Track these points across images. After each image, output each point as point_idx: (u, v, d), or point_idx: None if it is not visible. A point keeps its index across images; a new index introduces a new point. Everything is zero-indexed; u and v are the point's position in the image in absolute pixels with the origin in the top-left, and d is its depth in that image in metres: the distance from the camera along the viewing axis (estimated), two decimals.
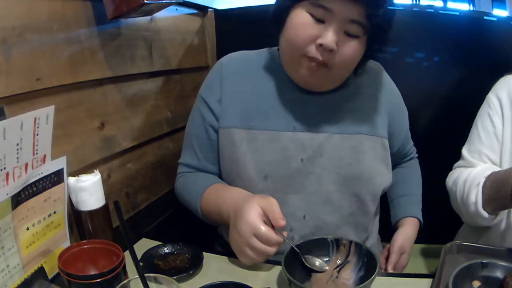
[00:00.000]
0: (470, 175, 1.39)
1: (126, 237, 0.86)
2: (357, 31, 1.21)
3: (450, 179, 1.50)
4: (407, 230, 1.52)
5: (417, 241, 1.97)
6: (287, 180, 1.34)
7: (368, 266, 1.14)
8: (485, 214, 1.31)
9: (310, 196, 1.35)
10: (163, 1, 1.38)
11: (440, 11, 1.97)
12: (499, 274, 1.11)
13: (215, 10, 2.07)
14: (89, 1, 1.29)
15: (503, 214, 1.36)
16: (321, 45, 1.19)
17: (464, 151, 1.51)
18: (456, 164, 1.54)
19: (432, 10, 1.94)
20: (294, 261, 1.16)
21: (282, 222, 1.14)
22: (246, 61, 1.44)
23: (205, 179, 1.44)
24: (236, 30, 2.03)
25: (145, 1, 1.25)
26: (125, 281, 0.85)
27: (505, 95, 1.43)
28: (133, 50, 1.51)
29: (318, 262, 1.20)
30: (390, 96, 1.46)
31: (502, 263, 1.12)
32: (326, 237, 1.23)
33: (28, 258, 1.03)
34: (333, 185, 1.36)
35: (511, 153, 1.40)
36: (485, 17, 1.91)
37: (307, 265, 1.17)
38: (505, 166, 1.40)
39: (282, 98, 1.37)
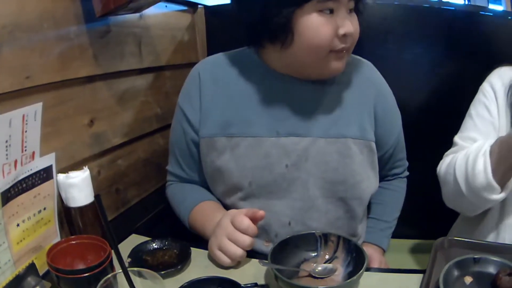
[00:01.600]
0: (472, 148, 1.35)
1: (108, 230, 0.88)
2: (353, 6, 1.25)
3: (443, 165, 1.45)
4: (370, 249, 1.52)
5: (410, 236, 1.99)
6: (271, 186, 1.35)
7: (357, 261, 1.15)
8: (495, 184, 1.26)
9: (295, 201, 1.36)
10: None
11: (436, 6, 1.97)
12: (491, 269, 1.11)
13: (205, 6, 2.07)
14: None
15: (508, 189, 1.31)
16: (344, 34, 1.21)
17: (457, 138, 1.48)
18: (447, 152, 1.50)
19: (428, 5, 1.94)
20: (282, 256, 1.17)
21: (261, 212, 1.19)
22: (223, 65, 1.42)
23: (196, 194, 1.48)
24: (226, 26, 2.01)
25: None
26: (109, 275, 0.87)
27: (500, 86, 1.42)
28: (122, 47, 1.52)
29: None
30: (380, 97, 1.44)
31: (495, 258, 1.12)
32: (314, 232, 1.23)
33: (19, 254, 1.05)
34: (318, 190, 1.36)
35: None
36: (481, 12, 1.91)
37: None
38: None
39: (263, 101, 1.36)
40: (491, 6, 3.22)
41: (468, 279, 1.09)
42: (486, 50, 1.81)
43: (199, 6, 2.06)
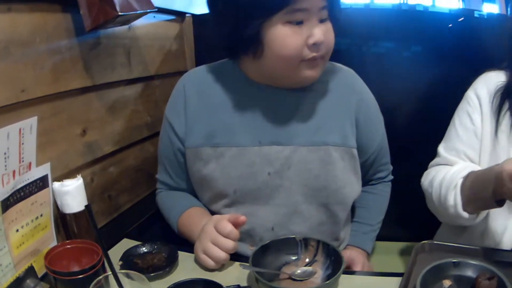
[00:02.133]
0: (447, 176, 1.37)
1: (98, 237, 0.98)
2: (326, 15, 1.26)
3: (426, 179, 1.48)
4: (353, 252, 1.54)
5: (398, 239, 1.97)
6: (255, 193, 1.40)
7: (335, 264, 1.20)
8: (466, 215, 1.30)
9: (279, 208, 1.41)
10: (138, 11, 1.41)
11: (430, 10, 1.99)
12: (471, 273, 1.12)
13: (193, 15, 2.10)
14: (69, 13, 1.34)
15: (485, 212, 1.34)
16: (314, 43, 1.23)
17: (440, 149, 1.49)
18: (432, 163, 1.52)
19: (422, 9, 1.96)
20: (263, 259, 1.23)
21: (242, 217, 1.24)
22: (207, 77, 1.46)
23: (184, 201, 1.52)
24: (214, 34, 2.03)
25: (120, 13, 1.30)
26: (100, 277, 0.95)
27: (485, 93, 1.42)
28: (112, 58, 1.56)
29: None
30: (360, 105, 1.46)
31: (474, 262, 1.13)
32: (294, 236, 1.28)
33: (19, 257, 1.12)
34: (301, 196, 1.40)
35: (490, 152, 1.40)
36: (475, 15, 1.92)
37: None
38: (484, 165, 1.39)
39: (245, 112, 1.40)
40: (486, 6, 3.22)
41: (447, 283, 1.10)
42: (482, 52, 1.83)
43: (187, 15, 2.09)
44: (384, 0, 2.89)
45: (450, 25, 1.89)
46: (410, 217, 1.92)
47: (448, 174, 1.37)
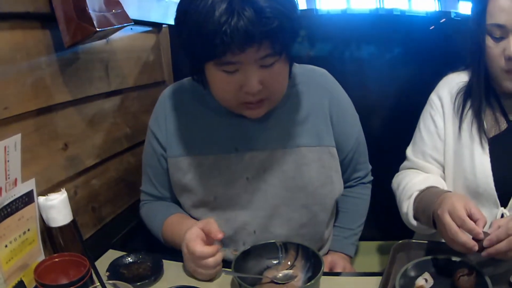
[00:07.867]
0: (408, 185, 1.45)
1: (85, 251, 1.05)
2: (273, 59, 1.22)
3: (395, 181, 1.56)
4: (335, 256, 1.60)
5: (379, 238, 2.01)
6: (234, 198, 1.45)
7: (315, 267, 1.24)
8: (415, 223, 1.40)
9: (258, 211, 1.45)
10: (115, 26, 1.46)
11: (407, 14, 2.03)
12: (450, 270, 1.16)
13: (170, 25, 2.14)
14: (48, 30, 1.37)
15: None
16: (247, 92, 1.24)
17: (409, 152, 1.58)
18: (402, 166, 1.61)
19: (398, 13, 1.99)
20: (245, 264, 1.28)
21: (220, 235, 1.28)
22: (185, 91, 1.51)
23: (164, 211, 1.56)
24: None
25: (98, 29, 1.34)
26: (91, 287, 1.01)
27: (446, 94, 1.49)
28: (90, 72, 1.60)
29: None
30: (333, 103, 1.48)
31: (453, 259, 1.18)
32: (274, 241, 1.33)
33: (8, 272, 1.16)
34: (279, 199, 1.44)
35: (454, 151, 1.47)
36: (452, 16, 1.95)
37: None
38: (449, 164, 1.48)
39: (223, 122, 1.44)
40: (461, 6, 3.28)
41: (427, 280, 1.14)
42: (456, 54, 1.74)
43: (164, 26, 2.13)
44: (361, 5, 2.95)
45: (432, 27, 1.94)
46: (391, 216, 1.91)
47: (409, 183, 1.47)
